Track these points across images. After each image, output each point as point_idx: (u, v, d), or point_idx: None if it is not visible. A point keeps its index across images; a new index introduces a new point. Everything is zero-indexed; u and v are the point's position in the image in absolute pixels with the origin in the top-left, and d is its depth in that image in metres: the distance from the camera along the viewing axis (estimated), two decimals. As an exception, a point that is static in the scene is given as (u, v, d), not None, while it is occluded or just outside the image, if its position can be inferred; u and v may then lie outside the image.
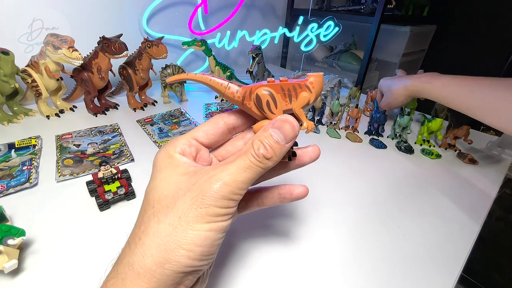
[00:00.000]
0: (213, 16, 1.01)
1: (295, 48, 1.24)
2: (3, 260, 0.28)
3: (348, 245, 0.37)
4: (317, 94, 0.22)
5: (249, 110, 0.23)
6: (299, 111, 0.22)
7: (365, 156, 0.58)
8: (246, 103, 0.23)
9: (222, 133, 0.25)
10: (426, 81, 0.57)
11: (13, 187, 0.41)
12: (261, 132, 0.21)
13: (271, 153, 0.20)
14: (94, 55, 0.63)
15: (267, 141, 0.21)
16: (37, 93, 0.62)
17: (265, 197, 0.26)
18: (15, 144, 0.52)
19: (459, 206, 0.45)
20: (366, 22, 1.04)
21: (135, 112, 0.71)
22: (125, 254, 0.19)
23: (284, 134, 0.21)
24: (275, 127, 0.21)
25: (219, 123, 0.25)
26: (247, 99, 0.22)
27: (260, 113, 0.22)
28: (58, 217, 0.38)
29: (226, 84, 0.23)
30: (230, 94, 0.23)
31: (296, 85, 0.22)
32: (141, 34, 0.89)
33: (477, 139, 0.63)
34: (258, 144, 0.20)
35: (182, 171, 0.21)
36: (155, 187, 0.21)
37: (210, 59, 0.78)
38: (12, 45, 0.60)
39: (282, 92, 0.22)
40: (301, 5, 1.25)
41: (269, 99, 0.21)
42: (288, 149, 0.21)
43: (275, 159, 0.21)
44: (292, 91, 0.22)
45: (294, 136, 0.21)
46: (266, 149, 0.20)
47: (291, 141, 0.21)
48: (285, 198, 0.26)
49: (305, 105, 0.22)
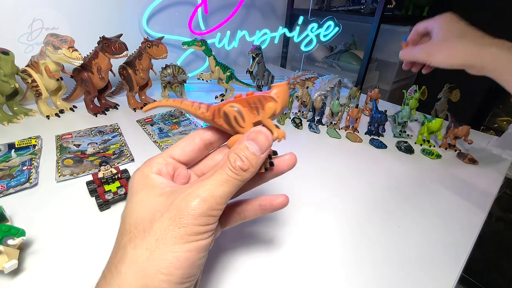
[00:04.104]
0: (213, 16, 1.01)
1: (295, 48, 1.24)
2: (3, 260, 0.28)
3: (349, 245, 0.37)
4: (283, 103, 0.23)
5: (220, 127, 0.24)
6: (268, 121, 0.23)
7: (365, 156, 0.58)
8: (216, 120, 0.23)
9: (199, 149, 0.25)
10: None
11: (13, 187, 0.41)
12: (237, 145, 0.21)
13: (248, 164, 0.20)
14: (94, 55, 0.63)
15: (243, 153, 0.21)
16: (37, 93, 0.62)
17: (246, 210, 0.26)
18: (15, 144, 0.52)
19: (459, 206, 0.45)
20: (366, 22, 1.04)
21: (135, 112, 0.71)
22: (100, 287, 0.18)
23: (259, 144, 0.21)
24: (249, 139, 0.21)
25: (196, 139, 0.25)
26: (217, 117, 0.23)
27: (231, 129, 0.23)
28: (58, 217, 0.38)
29: (197, 105, 0.24)
30: (201, 114, 0.24)
31: (261, 97, 0.22)
32: (141, 34, 0.89)
33: (477, 139, 0.63)
34: (234, 157, 0.20)
35: (158, 192, 0.21)
36: (131, 211, 0.20)
37: (210, 59, 0.78)
38: (12, 45, 0.60)
39: (249, 105, 0.23)
40: (301, 5, 1.25)
41: (236, 115, 0.22)
42: (264, 159, 0.22)
43: (252, 170, 0.21)
44: (258, 104, 0.22)
45: (269, 146, 0.22)
46: (243, 161, 0.20)
47: (266, 151, 0.22)
48: (266, 209, 0.26)
49: (272, 115, 0.22)
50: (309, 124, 0.69)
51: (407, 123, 0.67)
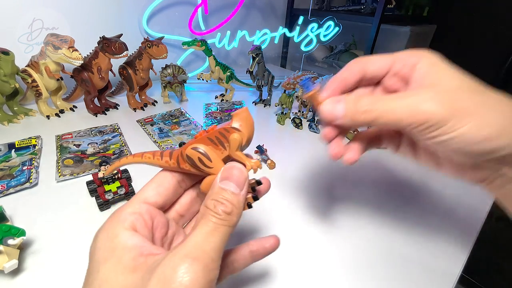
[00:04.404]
0: (213, 16, 1.01)
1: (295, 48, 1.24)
2: (3, 260, 0.28)
3: (349, 245, 0.37)
4: (248, 131, 0.21)
5: (189, 172, 0.22)
6: (236, 154, 0.21)
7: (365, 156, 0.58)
8: (183, 166, 0.21)
9: (174, 188, 0.22)
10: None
11: (13, 187, 0.41)
12: (211, 191, 0.19)
13: (230, 206, 0.18)
14: (94, 55, 0.63)
15: (221, 196, 0.18)
16: (37, 93, 0.62)
17: (235, 261, 0.23)
18: (15, 144, 0.52)
19: (459, 206, 0.45)
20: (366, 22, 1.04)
21: (135, 112, 0.71)
22: None
23: (235, 181, 0.19)
24: (222, 178, 0.19)
25: (168, 177, 0.22)
26: (182, 163, 0.21)
27: (200, 172, 0.21)
28: (58, 217, 0.38)
29: (158, 155, 0.22)
30: (165, 163, 0.22)
31: (222, 131, 0.21)
32: (141, 34, 0.89)
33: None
34: (213, 202, 0.18)
35: (129, 264, 0.16)
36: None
37: (210, 59, 0.78)
38: (12, 45, 0.60)
39: (212, 142, 0.21)
40: (301, 5, 1.25)
41: (200, 156, 0.20)
42: (245, 196, 0.20)
43: (236, 211, 0.18)
44: (222, 138, 0.21)
45: (245, 180, 0.20)
46: (224, 204, 0.18)
47: (244, 186, 0.19)
48: (259, 255, 0.24)
49: (238, 146, 0.21)
50: (309, 124, 0.69)
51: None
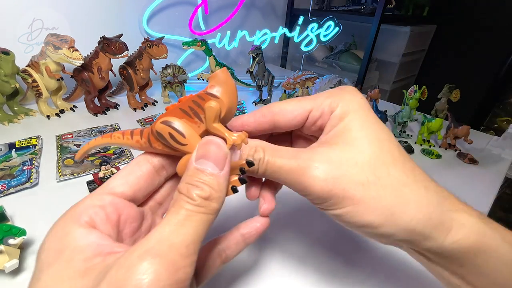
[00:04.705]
0: (213, 16, 1.02)
1: (295, 48, 1.24)
2: (4, 260, 0.28)
3: (349, 244, 0.37)
4: (229, 95, 0.17)
5: (163, 152, 0.19)
6: (214, 127, 0.17)
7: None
8: (155, 146, 0.18)
9: (148, 176, 0.19)
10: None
11: (14, 187, 0.41)
12: (186, 173, 0.16)
13: (208, 190, 0.15)
14: (95, 55, 0.63)
15: (196, 178, 0.15)
16: (38, 93, 0.62)
17: (227, 248, 0.20)
18: (15, 144, 0.52)
19: (459, 206, 0.45)
20: (366, 22, 1.04)
21: (136, 112, 0.71)
22: None
23: (213, 159, 0.16)
24: (198, 157, 0.16)
25: (142, 164, 0.19)
26: (153, 141, 0.18)
27: (174, 151, 0.18)
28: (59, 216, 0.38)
29: (128, 135, 0.19)
30: (136, 143, 0.19)
31: (196, 99, 0.17)
32: (141, 34, 0.89)
33: (477, 139, 0.63)
34: (187, 186, 0.15)
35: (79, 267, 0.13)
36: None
37: (210, 59, 0.78)
38: (12, 45, 0.60)
39: (186, 114, 0.17)
40: (301, 5, 1.25)
41: (170, 131, 0.17)
42: (226, 177, 0.16)
43: (216, 196, 0.15)
44: (196, 108, 0.17)
45: (225, 157, 0.16)
46: (199, 187, 0.15)
47: (225, 164, 0.16)
48: (251, 237, 0.21)
49: (216, 117, 0.17)
50: (309, 124, 0.69)
51: (407, 123, 0.67)
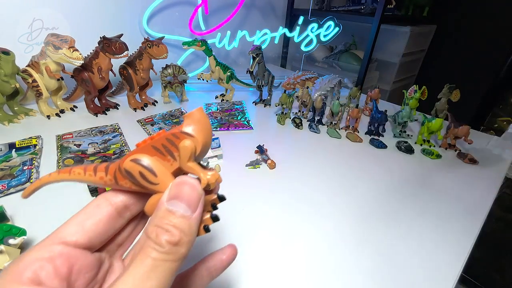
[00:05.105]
0: (214, 16, 1.02)
1: (295, 48, 1.24)
2: (4, 260, 0.28)
3: (349, 244, 0.37)
4: (204, 134, 0.17)
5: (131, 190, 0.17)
6: (188, 166, 0.16)
7: (365, 156, 0.58)
8: (121, 183, 0.17)
9: (108, 220, 0.17)
10: None
11: (14, 187, 0.42)
12: (155, 214, 0.15)
13: (178, 235, 0.14)
14: (95, 55, 0.64)
15: (167, 221, 0.14)
16: (38, 93, 0.62)
17: (192, 285, 0.19)
18: (15, 144, 0.52)
19: (459, 206, 0.45)
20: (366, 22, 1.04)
21: (136, 112, 0.71)
22: None
23: (186, 200, 0.15)
24: (170, 197, 0.15)
25: (102, 206, 0.17)
26: (120, 179, 0.17)
27: (144, 190, 0.17)
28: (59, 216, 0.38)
29: (91, 171, 0.18)
30: (100, 180, 0.18)
31: (170, 137, 0.17)
32: (141, 34, 0.89)
33: (477, 139, 0.63)
34: (156, 230, 0.14)
35: None
36: None
37: (210, 59, 0.78)
38: (12, 45, 0.60)
39: (158, 151, 0.17)
40: (301, 5, 1.25)
41: (141, 170, 0.16)
42: (198, 219, 0.16)
43: (186, 240, 0.14)
44: (170, 146, 0.17)
45: (199, 198, 0.16)
46: (170, 232, 0.14)
47: (198, 206, 0.16)
48: (217, 270, 0.20)
49: (191, 155, 0.16)
50: (309, 124, 0.69)
51: (407, 123, 0.67)
